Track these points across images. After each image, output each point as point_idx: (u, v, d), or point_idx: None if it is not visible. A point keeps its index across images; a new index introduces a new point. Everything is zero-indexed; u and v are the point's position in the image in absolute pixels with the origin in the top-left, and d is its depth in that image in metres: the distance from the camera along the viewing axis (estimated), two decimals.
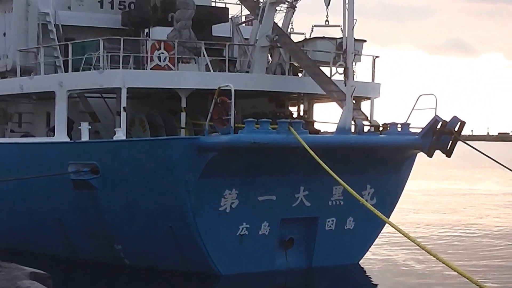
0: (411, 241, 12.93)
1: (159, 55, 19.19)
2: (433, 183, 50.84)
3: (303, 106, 22.14)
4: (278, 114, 21.22)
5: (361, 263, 20.27)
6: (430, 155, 17.96)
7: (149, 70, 19.20)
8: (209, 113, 17.09)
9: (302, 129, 17.05)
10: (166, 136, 19.70)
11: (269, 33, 19.51)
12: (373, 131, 18.68)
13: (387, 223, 14.74)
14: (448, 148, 17.78)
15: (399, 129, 18.67)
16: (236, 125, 16.98)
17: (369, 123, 19.35)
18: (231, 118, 16.72)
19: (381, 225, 20.02)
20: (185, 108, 19.26)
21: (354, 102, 18.42)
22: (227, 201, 17.72)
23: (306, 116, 21.89)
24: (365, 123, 18.76)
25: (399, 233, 13.04)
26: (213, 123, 17.26)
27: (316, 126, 21.54)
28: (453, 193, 44.13)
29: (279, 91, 20.41)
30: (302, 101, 22.09)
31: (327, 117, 22.21)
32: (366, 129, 18.40)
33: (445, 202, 38.90)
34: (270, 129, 16.99)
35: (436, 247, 22.66)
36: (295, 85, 20.69)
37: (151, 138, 19.60)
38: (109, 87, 19.20)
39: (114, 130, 19.06)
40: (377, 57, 21.81)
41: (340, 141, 17.75)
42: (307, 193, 18.52)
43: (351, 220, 19.47)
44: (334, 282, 19.47)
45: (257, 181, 17.76)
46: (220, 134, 17.12)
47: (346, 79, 17.80)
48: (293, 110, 22.69)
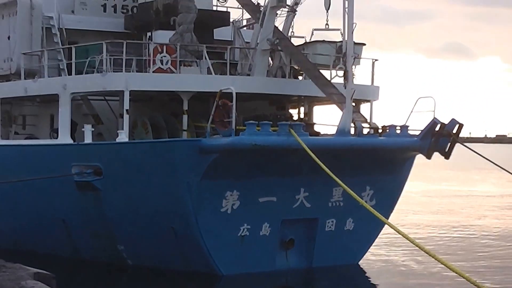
0: (410, 242, 12.81)
1: (162, 58, 19.20)
2: (432, 185, 50.75)
3: (303, 108, 22.17)
4: (278, 116, 21.01)
5: (360, 263, 20.30)
6: (428, 157, 17.97)
7: (151, 73, 19.20)
8: (211, 116, 17.14)
9: (302, 131, 17.07)
10: (168, 138, 19.72)
11: (270, 36, 19.56)
12: (373, 133, 18.73)
13: (386, 224, 14.66)
14: (446, 150, 17.81)
15: (398, 132, 18.68)
16: (237, 128, 16.96)
17: (368, 126, 19.36)
18: (232, 120, 16.73)
19: (381, 226, 20.04)
20: (187, 110, 19.30)
21: (353, 104, 18.39)
22: (229, 202, 17.76)
23: (306, 118, 21.91)
24: (365, 125, 18.75)
25: (398, 234, 13.03)
26: (214, 125, 17.29)
27: (316, 128, 21.55)
28: (452, 195, 44.08)
29: (280, 93, 20.45)
30: (302, 104, 22.14)
31: (327, 120, 22.15)
32: (365, 131, 18.43)
33: (443, 203, 38.87)
34: (270, 131, 17.02)
35: (435, 247, 22.71)
36: (295, 88, 20.74)
37: (154, 140, 19.62)
38: (112, 89, 19.21)
39: (117, 132, 19.10)
40: (376, 60, 21.86)
41: (340, 143, 17.79)
42: (307, 194, 18.57)
43: (350, 221, 19.51)
44: (334, 282, 19.46)
45: (258, 183, 17.79)
46: (221, 136, 17.14)
47: (345, 82, 17.78)
48: (294, 112, 22.74)
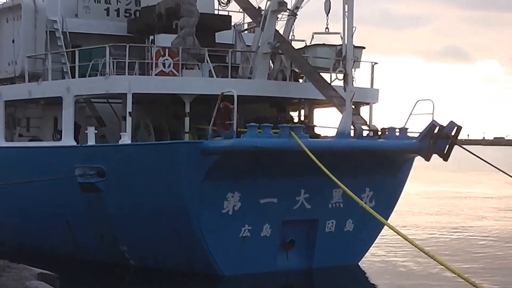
0: (409, 243, 12.91)
1: (164, 61, 19.27)
2: (431, 186, 50.68)
3: (303, 111, 22.26)
4: (279, 119, 21.25)
5: (360, 264, 20.38)
6: (427, 159, 18.08)
7: (154, 76, 19.25)
8: (212, 118, 17.22)
9: (302, 133, 17.14)
10: (170, 140, 19.80)
11: (270, 40, 19.62)
12: (372, 136, 18.80)
13: (385, 225, 14.78)
14: (445, 152, 17.92)
15: (397, 134, 18.77)
16: (238, 130, 17.04)
17: (368, 128, 19.45)
18: (233, 122, 16.82)
19: (380, 227, 20.12)
20: (189, 113, 19.33)
21: (353, 107, 18.51)
22: (230, 203, 17.84)
23: (306, 121, 22.00)
24: (364, 127, 18.86)
25: (398, 235, 13.08)
26: (216, 128, 17.36)
27: (316, 130, 21.65)
28: (450, 196, 44.07)
29: (281, 96, 20.47)
30: (302, 106, 22.21)
31: (327, 122, 22.29)
32: (365, 133, 18.51)
33: (442, 204, 38.86)
34: (271, 133, 17.09)
35: (434, 248, 22.70)
36: (296, 91, 20.79)
37: (156, 142, 19.68)
38: (115, 92, 19.27)
39: (119, 134, 19.15)
40: (375, 63, 21.87)
41: (340, 145, 17.86)
42: (307, 196, 18.65)
43: (350, 222, 19.58)
44: (334, 282, 19.52)
45: (259, 184, 17.87)
46: (223, 138, 17.21)
47: (345, 85, 17.87)
48: (294, 115, 22.79)
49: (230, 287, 18.36)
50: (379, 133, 19.03)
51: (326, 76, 19.98)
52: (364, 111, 21.75)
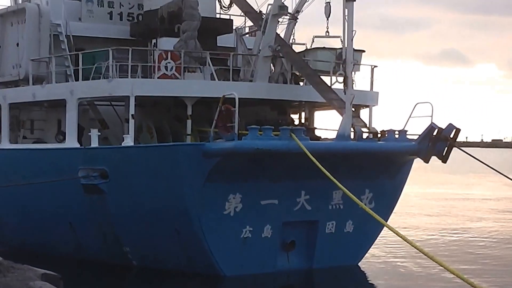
0: (409, 244, 12.97)
1: (166, 64, 19.30)
2: (430, 188, 50.66)
3: (304, 113, 22.33)
4: (280, 121, 21.32)
5: (360, 264, 20.47)
6: (426, 161, 18.14)
7: (156, 79, 19.29)
8: (214, 120, 17.36)
9: (303, 135, 17.24)
10: (172, 142, 19.84)
11: (271, 43, 19.69)
12: (372, 138, 18.88)
13: (385, 226, 14.85)
14: (443, 154, 18.00)
15: (397, 136, 18.87)
16: (239, 132, 17.14)
17: (368, 130, 19.47)
18: (235, 125, 16.92)
19: (380, 228, 20.22)
20: (190, 115, 19.39)
21: (353, 110, 18.56)
22: (231, 205, 17.95)
23: (307, 123, 22.05)
24: (364, 130, 18.91)
25: (397, 236, 13.11)
26: (217, 130, 17.48)
27: (316, 133, 21.75)
28: (449, 198, 44.10)
29: (281, 99, 20.58)
30: (303, 109, 22.29)
31: (328, 124, 22.32)
32: (365, 136, 18.60)
33: (441, 206, 38.91)
34: (272, 135, 17.15)
35: (433, 249, 22.79)
36: (296, 94, 20.89)
37: (158, 144, 19.79)
38: (118, 95, 19.35)
39: (122, 136, 19.23)
40: (375, 66, 21.88)
41: (340, 147, 17.97)
42: (308, 197, 18.75)
43: (350, 223, 19.68)
44: (334, 283, 19.61)
45: (260, 186, 17.98)
46: (224, 140, 17.33)
47: (345, 87, 17.95)
48: (295, 117, 22.85)
49: (231, 287, 18.43)
50: (379, 135, 19.13)
51: (326, 79, 20.06)
52: (364, 114, 21.83)
